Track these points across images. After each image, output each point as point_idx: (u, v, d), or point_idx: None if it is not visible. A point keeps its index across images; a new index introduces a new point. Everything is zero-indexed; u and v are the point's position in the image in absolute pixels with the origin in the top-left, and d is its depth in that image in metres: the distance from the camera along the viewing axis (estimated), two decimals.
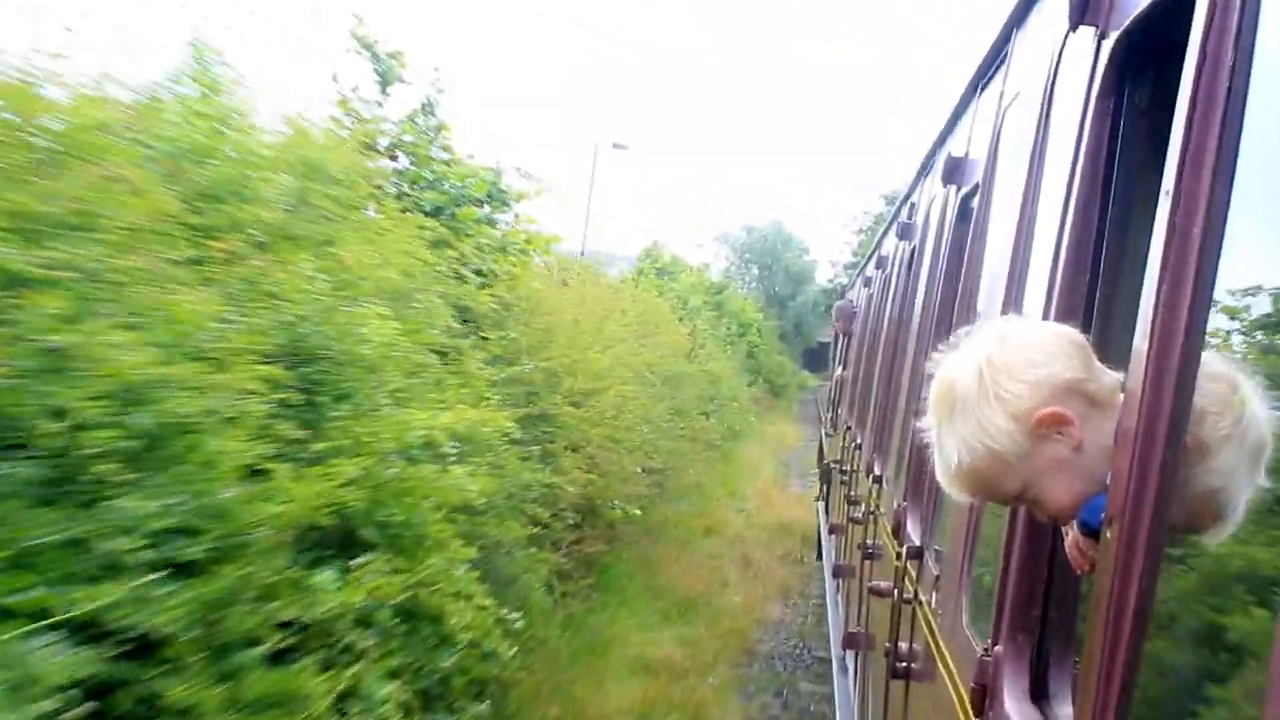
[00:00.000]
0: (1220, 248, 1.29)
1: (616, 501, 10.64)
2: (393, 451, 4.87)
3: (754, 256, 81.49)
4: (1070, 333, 1.78)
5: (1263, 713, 0.96)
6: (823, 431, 18.16)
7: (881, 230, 10.96)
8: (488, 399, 6.82)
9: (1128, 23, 1.99)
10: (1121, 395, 1.64)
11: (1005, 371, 1.69)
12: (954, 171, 4.25)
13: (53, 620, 2.89)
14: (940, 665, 2.84)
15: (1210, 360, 1.47)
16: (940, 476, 1.83)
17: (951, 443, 1.74)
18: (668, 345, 18.03)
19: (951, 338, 1.86)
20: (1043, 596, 2.08)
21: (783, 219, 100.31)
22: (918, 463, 3.96)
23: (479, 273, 8.87)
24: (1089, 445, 1.66)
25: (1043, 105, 2.59)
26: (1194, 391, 1.33)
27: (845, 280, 63.91)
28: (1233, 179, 1.29)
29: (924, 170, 6.45)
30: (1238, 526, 1.48)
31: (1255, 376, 1.47)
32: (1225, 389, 1.48)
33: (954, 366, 1.77)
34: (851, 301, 13.78)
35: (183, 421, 3.52)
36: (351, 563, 4.42)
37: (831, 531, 10.47)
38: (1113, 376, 1.71)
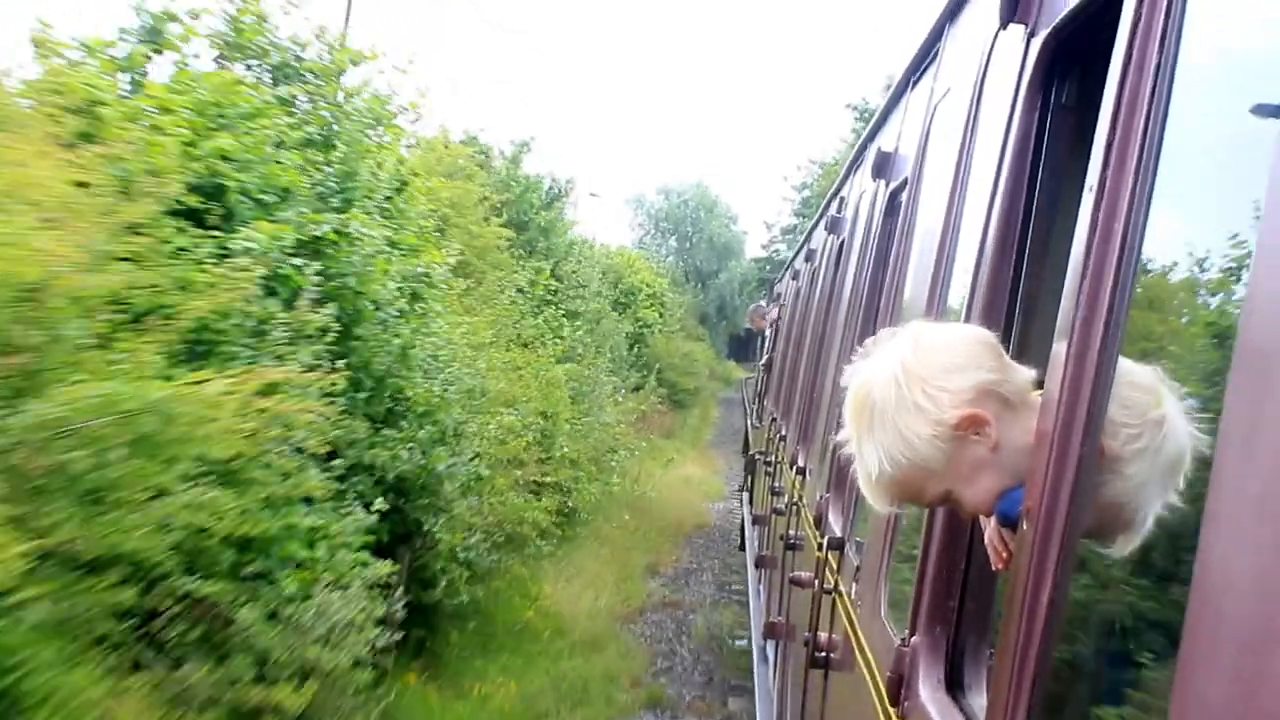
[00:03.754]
0: (1141, 245, 1.31)
1: None
2: None
3: (672, 225, 67.72)
4: (981, 333, 1.78)
5: (1171, 698, 0.97)
6: (748, 423, 18.09)
7: (811, 224, 11.04)
8: None
9: (1056, 22, 2.01)
10: (1035, 392, 1.65)
11: (921, 379, 1.68)
12: (883, 166, 4.29)
13: None
14: (858, 655, 2.86)
15: (1135, 370, 1.47)
16: (863, 487, 1.82)
17: (873, 454, 1.72)
18: None
19: (862, 347, 1.84)
20: (959, 588, 2.10)
21: (708, 180, 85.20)
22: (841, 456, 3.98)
23: None
24: (1005, 443, 1.66)
25: (972, 101, 2.61)
26: (1113, 386, 1.34)
27: (783, 246, 51.90)
28: (1155, 177, 1.30)
29: (854, 165, 6.50)
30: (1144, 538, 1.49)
31: (1174, 383, 1.47)
32: (1147, 400, 1.47)
33: (869, 376, 1.75)
34: (763, 305, 13.81)
35: None
36: None
37: (755, 522, 10.54)
38: (1025, 373, 1.71)
